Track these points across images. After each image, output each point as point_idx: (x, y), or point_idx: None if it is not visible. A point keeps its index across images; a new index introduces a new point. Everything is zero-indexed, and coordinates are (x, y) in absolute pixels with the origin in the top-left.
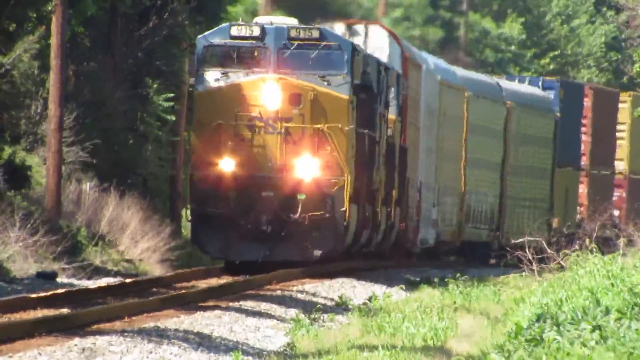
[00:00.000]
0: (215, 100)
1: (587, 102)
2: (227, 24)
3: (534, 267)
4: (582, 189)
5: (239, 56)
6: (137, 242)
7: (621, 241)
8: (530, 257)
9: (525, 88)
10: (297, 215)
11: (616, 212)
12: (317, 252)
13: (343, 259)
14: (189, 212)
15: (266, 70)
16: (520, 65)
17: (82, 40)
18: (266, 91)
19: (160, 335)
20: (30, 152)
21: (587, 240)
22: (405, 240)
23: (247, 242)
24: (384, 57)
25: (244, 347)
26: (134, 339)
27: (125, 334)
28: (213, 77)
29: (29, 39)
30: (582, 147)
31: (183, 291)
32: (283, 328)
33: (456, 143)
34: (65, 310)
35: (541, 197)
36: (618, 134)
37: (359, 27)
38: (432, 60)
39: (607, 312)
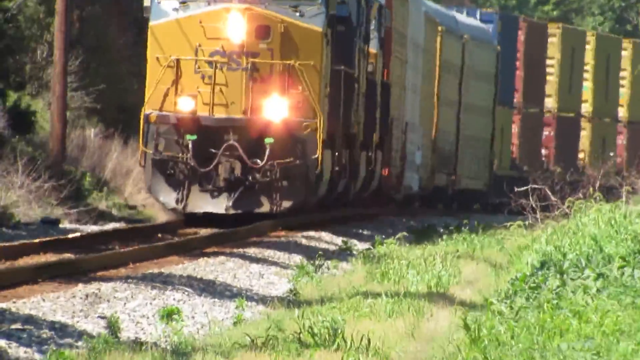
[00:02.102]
0: (172, 32)
1: (521, 35)
2: None
3: (538, 215)
4: (514, 128)
5: None
6: (141, 188)
7: (624, 189)
8: (534, 205)
9: (472, 21)
10: (264, 162)
11: (544, 152)
12: (286, 204)
13: (316, 210)
14: (142, 156)
15: None
16: (524, 12)
17: None
18: (230, 22)
19: (164, 281)
20: (36, 97)
21: (591, 189)
22: (388, 187)
23: (208, 193)
24: None
25: (247, 294)
26: (138, 285)
27: (130, 280)
28: (170, 6)
29: None
30: (516, 83)
31: (187, 237)
32: (286, 275)
33: (431, 81)
34: (68, 256)
35: (484, 137)
36: (547, 69)
37: None
38: None
39: (610, 259)
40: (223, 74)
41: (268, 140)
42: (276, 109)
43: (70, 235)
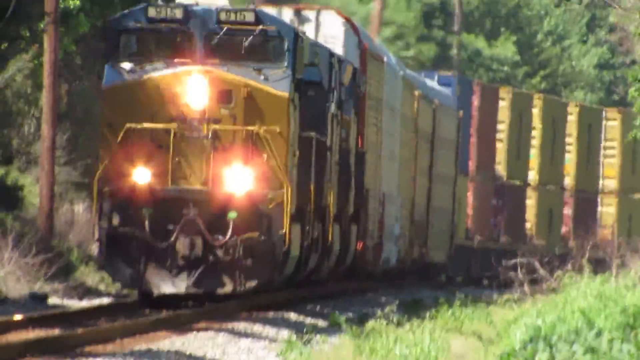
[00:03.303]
0: (127, 97)
1: (475, 99)
2: (144, 4)
3: (526, 288)
4: (469, 197)
5: (157, 44)
6: None
7: (614, 263)
8: (522, 278)
9: (435, 84)
10: (227, 237)
11: (493, 221)
12: (251, 283)
13: (285, 289)
14: (95, 230)
15: (190, 60)
16: (513, 84)
17: (74, 59)
18: (190, 86)
19: (152, 357)
20: (24, 172)
21: (582, 261)
22: (365, 261)
23: (166, 271)
24: (338, 48)
25: None
26: None
27: (118, 356)
28: (125, 68)
29: (22, 57)
30: (470, 150)
31: (175, 312)
32: (276, 349)
33: (411, 148)
34: (57, 332)
35: (447, 207)
36: (497, 135)
37: (310, 13)
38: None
39: (600, 333)
40: (182, 143)
41: (231, 215)
42: (239, 180)
43: (58, 311)
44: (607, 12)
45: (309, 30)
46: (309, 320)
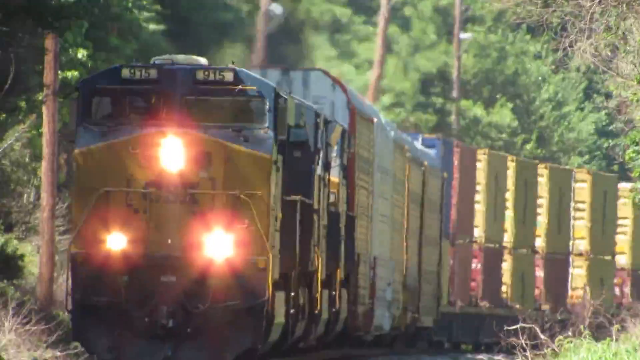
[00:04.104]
0: (100, 160)
1: (455, 160)
2: (117, 65)
3: (528, 354)
4: (450, 261)
5: (131, 105)
6: None
7: (614, 328)
8: (524, 344)
9: (421, 146)
10: (206, 305)
11: (473, 284)
12: (233, 353)
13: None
14: (68, 300)
15: (166, 122)
16: (511, 151)
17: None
18: (166, 149)
19: None
20: (23, 240)
21: (582, 327)
22: (355, 328)
23: (143, 341)
24: (326, 108)
25: None
26: None
27: None
28: (98, 130)
29: (20, 128)
30: (451, 212)
31: None
32: None
33: (402, 210)
34: None
35: (434, 270)
36: (476, 197)
37: (297, 74)
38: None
39: None
40: (159, 207)
41: (210, 281)
42: (219, 246)
43: None
44: (604, 77)
45: (296, 90)
46: None
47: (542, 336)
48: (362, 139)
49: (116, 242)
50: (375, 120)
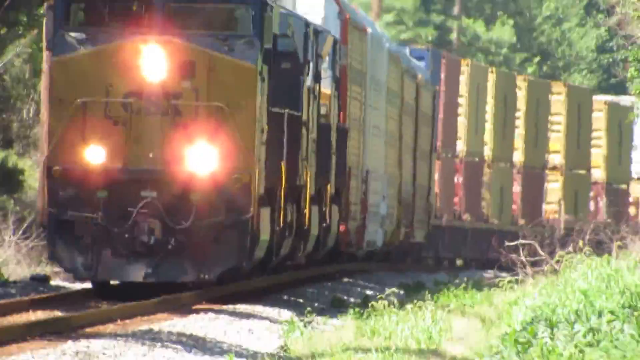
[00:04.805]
0: (78, 70)
1: (442, 73)
2: None
3: (528, 270)
4: (436, 175)
5: (111, 11)
6: None
7: (615, 244)
8: (524, 260)
9: (414, 59)
10: (189, 222)
11: (456, 199)
12: (216, 270)
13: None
14: (43, 216)
15: (147, 29)
16: (511, 68)
17: None
18: (147, 58)
19: (153, 338)
20: (23, 156)
21: (581, 242)
22: (347, 244)
23: (122, 258)
24: (318, 19)
25: (237, 350)
26: (128, 342)
27: (119, 337)
28: (76, 38)
29: (20, 42)
30: (438, 125)
31: (175, 294)
32: (277, 330)
33: (396, 124)
34: (58, 313)
35: (426, 185)
36: (458, 109)
37: None
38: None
39: (600, 314)
40: (139, 119)
41: (193, 197)
42: (202, 159)
43: (59, 293)
44: None
45: (286, 1)
46: (309, 303)
47: (541, 252)
48: (355, 50)
49: (94, 155)
50: (369, 30)
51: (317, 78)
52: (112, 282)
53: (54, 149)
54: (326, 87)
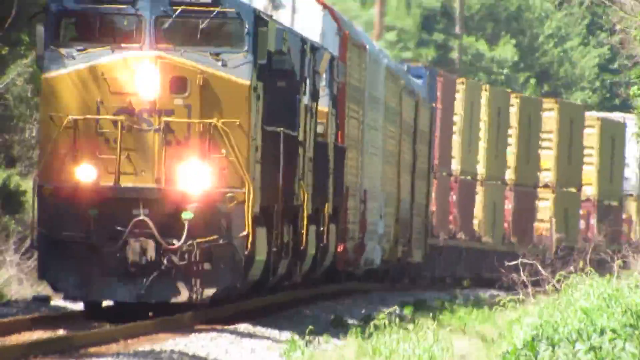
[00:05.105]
0: (68, 86)
1: (438, 91)
2: None
3: (529, 289)
4: (433, 193)
5: (102, 27)
6: None
7: (616, 263)
8: (525, 280)
9: (413, 78)
10: (182, 241)
11: (451, 217)
12: (209, 291)
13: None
14: (35, 236)
15: (139, 45)
16: (513, 88)
17: None
18: (139, 74)
19: (156, 358)
20: (25, 176)
21: (581, 262)
22: (345, 263)
23: (114, 278)
24: (316, 35)
25: None
26: None
27: (121, 356)
28: (67, 55)
29: (22, 62)
30: (435, 143)
31: (177, 314)
32: (278, 349)
33: (396, 142)
34: (61, 333)
35: (424, 203)
36: (453, 128)
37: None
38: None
39: (602, 333)
40: (131, 137)
41: (186, 216)
42: (195, 177)
43: (61, 313)
44: (608, 13)
45: (284, 17)
46: (309, 322)
47: (544, 272)
48: (353, 67)
49: (85, 174)
50: (367, 47)
51: (314, 96)
52: (104, 303)
53: (44, 167)
54: (323, 105)
